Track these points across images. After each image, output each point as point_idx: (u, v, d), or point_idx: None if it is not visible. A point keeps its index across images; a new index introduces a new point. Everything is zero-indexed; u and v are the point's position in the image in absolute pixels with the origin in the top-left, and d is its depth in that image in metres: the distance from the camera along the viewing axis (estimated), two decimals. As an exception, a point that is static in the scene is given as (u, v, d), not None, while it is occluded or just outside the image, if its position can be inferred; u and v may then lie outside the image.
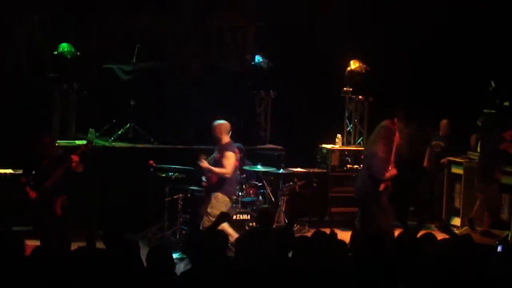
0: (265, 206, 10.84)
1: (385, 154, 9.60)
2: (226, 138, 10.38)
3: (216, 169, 10.30)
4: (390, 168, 9.67)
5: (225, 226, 9.93)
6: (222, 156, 10.33)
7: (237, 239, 8.56)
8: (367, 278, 5.94)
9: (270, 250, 6.61)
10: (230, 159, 10.26)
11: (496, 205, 11.73)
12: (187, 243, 6.89)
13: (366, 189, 9.67)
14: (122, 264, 6.09)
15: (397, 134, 9.83)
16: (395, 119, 9.94)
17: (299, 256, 6.47)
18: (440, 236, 7.45)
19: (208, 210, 10.20)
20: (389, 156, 9.66)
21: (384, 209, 9.62)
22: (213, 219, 9.95)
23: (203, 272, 5.98)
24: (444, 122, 13.01)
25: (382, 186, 9.58)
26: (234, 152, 10.31)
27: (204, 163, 10.34)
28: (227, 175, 10.25)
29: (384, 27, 13.88)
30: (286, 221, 11.08)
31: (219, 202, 10.20)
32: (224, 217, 8.23)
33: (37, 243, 8.47)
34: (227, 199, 10.27)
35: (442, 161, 12.82)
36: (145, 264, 6.10)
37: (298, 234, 10.29)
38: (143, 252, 6.20)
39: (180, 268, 7.82)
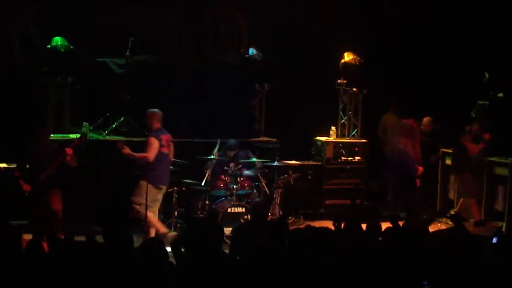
0: (258, 199, 10.86)
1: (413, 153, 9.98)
2: (155, 126, 10.36)
3: (137, 154, 10.27)
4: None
5: (151, 218, 9.96)
6: (145, 141, 10.38)
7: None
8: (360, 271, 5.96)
9: (264, 243, 6.62)
10: (152, 145, 10.21)
11: (471, 193, 11.82)
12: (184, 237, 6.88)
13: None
14: (117, 257, 6.11)
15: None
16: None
17: (294, 248, 6.49)
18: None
19: (132, 198, 10.22)
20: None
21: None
22: (138, 207, 10.04)
23: (197, 266, 5.99)
24: (426, 119, 12.93)
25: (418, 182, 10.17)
26: (158, 138, 10.24)
27: (126, 149, 10.25)
28: (149, 160, 10.16)
29: (378, 19, 13.87)
30: (281, 214, 11.09)
31: (141, 190, 10.06)
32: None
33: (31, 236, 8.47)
34: (151, 187, 10.07)
35: (433, 157, 12.81)
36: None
37: (294, 227, 10.37)
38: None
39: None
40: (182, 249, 6.56)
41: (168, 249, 6.47)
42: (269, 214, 11.29)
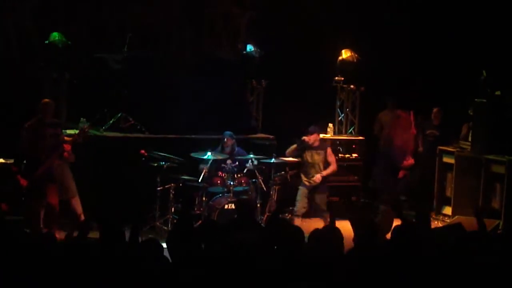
0: (244, 197, 10.89)
1: (401, 142, 9.95)
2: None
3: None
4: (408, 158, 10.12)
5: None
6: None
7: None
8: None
9: (248, 241, 6.57)
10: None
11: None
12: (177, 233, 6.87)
13: None
14: (110, 252, 6.10)
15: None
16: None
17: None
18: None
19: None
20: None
21: None
22: None
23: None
24: (435, 110, 13.03)
25: (401, 174, 9.91)
26: None
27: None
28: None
29: (376, 16, 13.87)
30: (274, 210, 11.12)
31: None
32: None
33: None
34: None
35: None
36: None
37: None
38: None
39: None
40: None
41: (164, 245, 6.46)
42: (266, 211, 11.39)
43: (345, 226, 7.01)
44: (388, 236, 7.15)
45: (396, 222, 7.11)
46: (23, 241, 6.18)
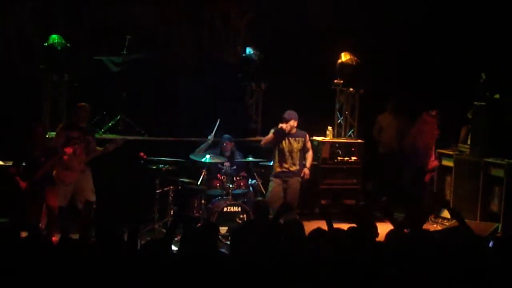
0: (261, 198, 10.87)
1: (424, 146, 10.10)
2: None
3: None
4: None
5: None
6: None
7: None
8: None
9: (268, 242, 6.59)
10: None
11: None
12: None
13: None
14: (109, 255, 6.10)
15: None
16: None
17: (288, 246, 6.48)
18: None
19: None
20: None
21: None
22: None
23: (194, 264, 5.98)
24: (433, 113, 13.00)
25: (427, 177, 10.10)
26: None
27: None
28: None
29: (375, 19, 13.88)
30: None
31: None
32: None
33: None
34: None
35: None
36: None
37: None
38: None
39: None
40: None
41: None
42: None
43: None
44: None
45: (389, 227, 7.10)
46: (19, 243, 6.18)
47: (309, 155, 11.44)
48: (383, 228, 7.01)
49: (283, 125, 11.20)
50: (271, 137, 11.25)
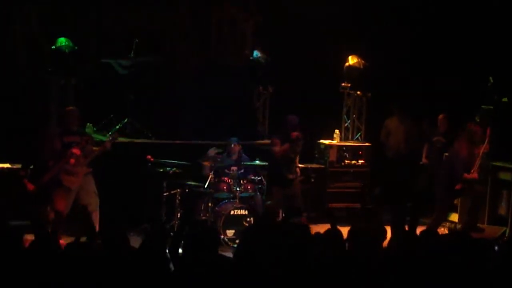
0: (269, 202, 10.87)
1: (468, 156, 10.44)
2: None
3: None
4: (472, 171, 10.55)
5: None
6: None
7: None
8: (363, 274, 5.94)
9: (277, 245, 6.58)
10: None
11: None
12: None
13: None
14: (113, 258, 6.10)
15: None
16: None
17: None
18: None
19: None
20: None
21: None
22: None
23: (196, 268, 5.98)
24: (441, 117, 12.98)
25: (459, 186, 10.55)
26: None
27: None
28: None
29: (382, 22, 13.87)
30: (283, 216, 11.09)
31: None
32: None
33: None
34: None
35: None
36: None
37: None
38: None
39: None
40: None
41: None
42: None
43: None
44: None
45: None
46: (26, 247, 6.19)
47: (298, 157, 11.50)
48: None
49: (297, 134, 11.13)
50: (288, 146, 11.09)
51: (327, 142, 13.19)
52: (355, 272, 5.95)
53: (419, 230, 7.21)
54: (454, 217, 12.53)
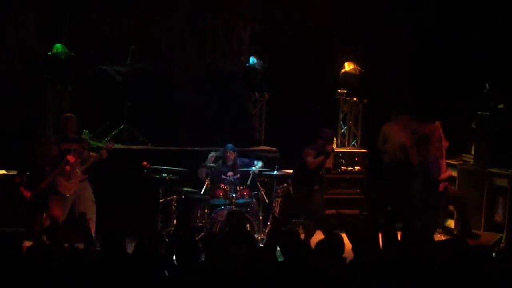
0: (236, 209, 10.83)
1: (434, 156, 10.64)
2: None
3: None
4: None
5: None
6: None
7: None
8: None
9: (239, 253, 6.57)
10: None
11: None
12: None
13: None
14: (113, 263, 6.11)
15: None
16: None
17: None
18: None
19: None
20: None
21: None
22: None
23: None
24: (437, 123, 12.95)
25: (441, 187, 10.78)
26: None
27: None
28: None
29: (379, 28, 13.89)
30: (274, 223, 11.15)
31: None
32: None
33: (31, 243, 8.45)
34: None
35: None
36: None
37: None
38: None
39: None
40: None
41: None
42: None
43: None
44: None
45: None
46: (23, 253, 6.18)
47: None
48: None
49: (332, 146, 10.95)
50: (323, 159, 10.84)
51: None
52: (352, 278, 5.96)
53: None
54: (451, 223, 12.54)
